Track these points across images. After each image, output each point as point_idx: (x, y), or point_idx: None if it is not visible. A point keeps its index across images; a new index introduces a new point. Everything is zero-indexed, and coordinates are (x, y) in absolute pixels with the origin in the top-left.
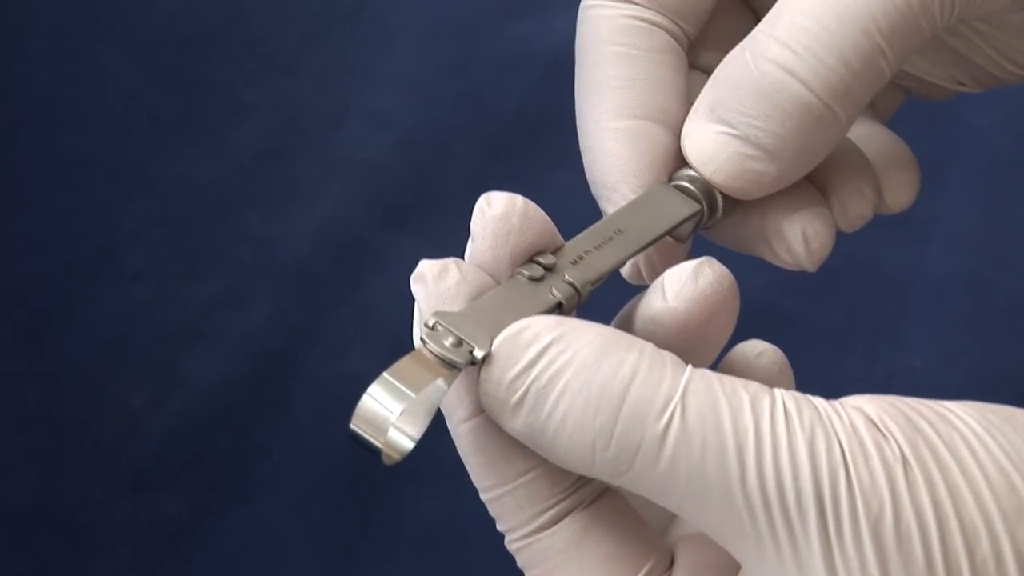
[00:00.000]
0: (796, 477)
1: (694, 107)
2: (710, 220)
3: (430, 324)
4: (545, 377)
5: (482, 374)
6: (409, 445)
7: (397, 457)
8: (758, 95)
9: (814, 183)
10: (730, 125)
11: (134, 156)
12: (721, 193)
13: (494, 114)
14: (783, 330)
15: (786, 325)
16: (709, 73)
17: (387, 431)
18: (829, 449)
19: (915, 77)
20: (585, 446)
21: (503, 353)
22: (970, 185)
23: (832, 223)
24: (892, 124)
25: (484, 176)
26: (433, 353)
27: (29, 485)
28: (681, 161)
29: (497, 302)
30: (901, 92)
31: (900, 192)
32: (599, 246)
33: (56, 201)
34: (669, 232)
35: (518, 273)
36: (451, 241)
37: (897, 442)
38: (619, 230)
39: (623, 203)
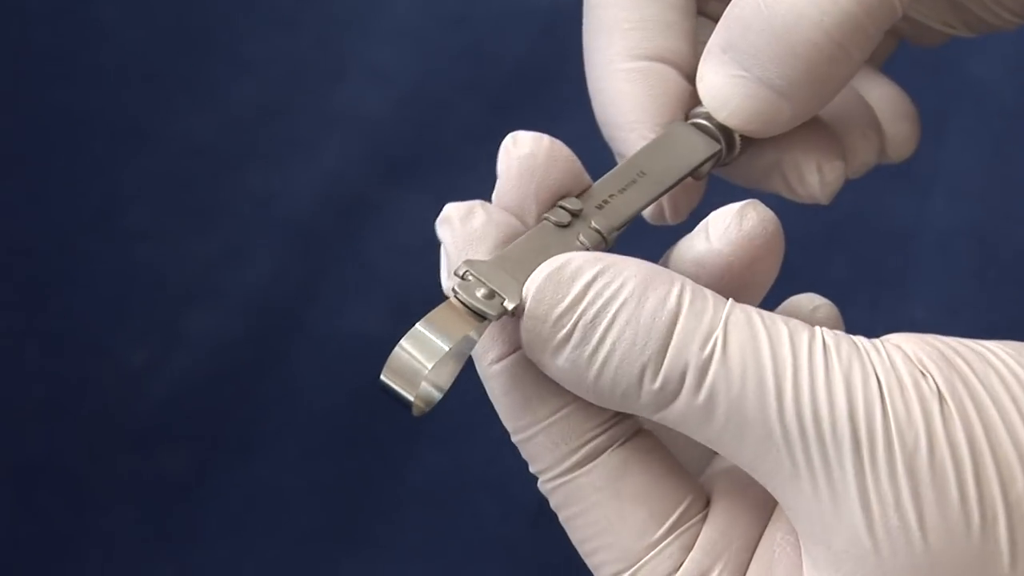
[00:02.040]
0: (832, 409)
1: (707, 49)
2: (728, 157)
3: (460, 273)
4: (592, 311)
5: (526, 314)
6: (438, 396)
7: (426, 408)
8: (769, 36)
9: None
10: (742, 67)
11: (134, 113)
12: None
13: (495, 67)
14: (787, 283)
15: (790, 277)
16: (714, 19)
17: (419, 384)
18: (866, 383)
19: (907, 18)
20: (632, 379)
21: (547, 290)
22: (973, 136)
23: (844, 158)
24: (895, 75)
25: (485, 130)
26: (465, 304)
27: (31, 443)
28: (695, 100)
29: (526, 250)
30: (893, 38)
31: (902, 142)
32: (623, 189)
33: (56, 159)
34: (692, 172)
35: (545, 219)
36: (453, 195)
37: (934, 378)
38: (642, 172)
39: (638, 144)
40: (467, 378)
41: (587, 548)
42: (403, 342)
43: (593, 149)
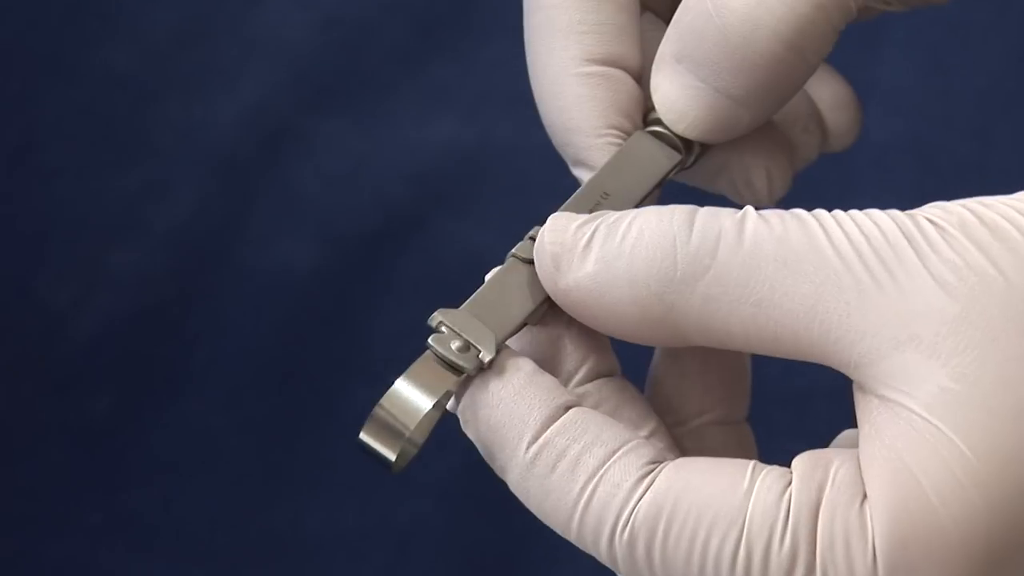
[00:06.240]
0: (878, 225)
1: (659, 57)
2: (688, 162)
3: (434, 325)
4: (612, 215)
5: (545, 235)
6: (415, 451)
7: (404, 464)
8: (724, 47)
9: None
10: (698, 78)
11: (50, 45)
12: None
13: None
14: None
15: None
16: (655, 11)
17: (400, 446)
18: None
19: None
20: (666, 247)
21: (561, 217)
22: (911, 46)
23: (791, 159)
24: None
25: (412, 52)
26: (441, 359)
27: None
28: (648, 106)
29: (495, 293)
30: None
31: (843, 134)
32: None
33: None
34: (658, 185)
35: (513, 255)
36: (379, 119)
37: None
38: (606, 194)
39: (600, 151)
40: (396, 308)
41: None
42: (383, 401)
43: (519, 71)
